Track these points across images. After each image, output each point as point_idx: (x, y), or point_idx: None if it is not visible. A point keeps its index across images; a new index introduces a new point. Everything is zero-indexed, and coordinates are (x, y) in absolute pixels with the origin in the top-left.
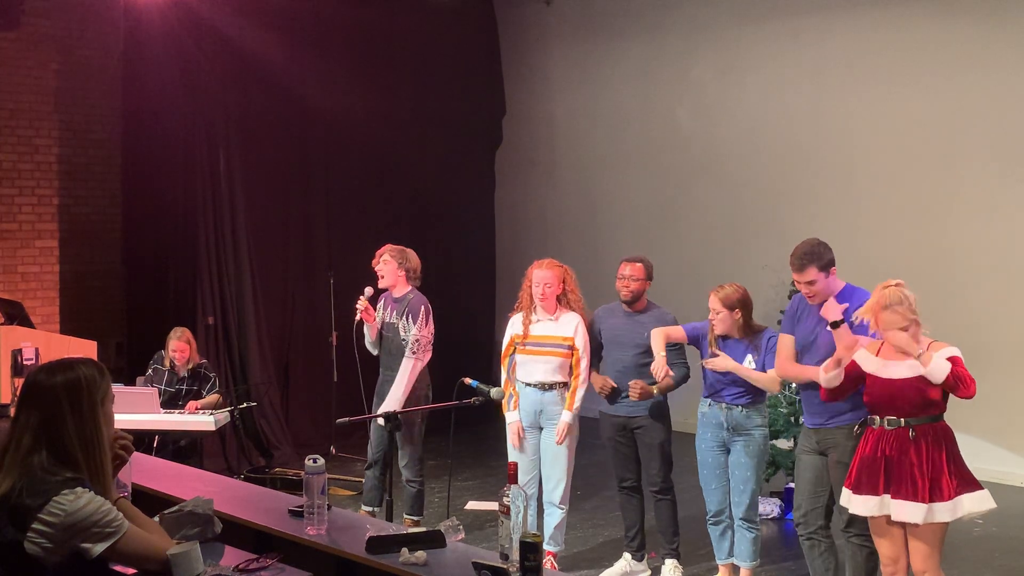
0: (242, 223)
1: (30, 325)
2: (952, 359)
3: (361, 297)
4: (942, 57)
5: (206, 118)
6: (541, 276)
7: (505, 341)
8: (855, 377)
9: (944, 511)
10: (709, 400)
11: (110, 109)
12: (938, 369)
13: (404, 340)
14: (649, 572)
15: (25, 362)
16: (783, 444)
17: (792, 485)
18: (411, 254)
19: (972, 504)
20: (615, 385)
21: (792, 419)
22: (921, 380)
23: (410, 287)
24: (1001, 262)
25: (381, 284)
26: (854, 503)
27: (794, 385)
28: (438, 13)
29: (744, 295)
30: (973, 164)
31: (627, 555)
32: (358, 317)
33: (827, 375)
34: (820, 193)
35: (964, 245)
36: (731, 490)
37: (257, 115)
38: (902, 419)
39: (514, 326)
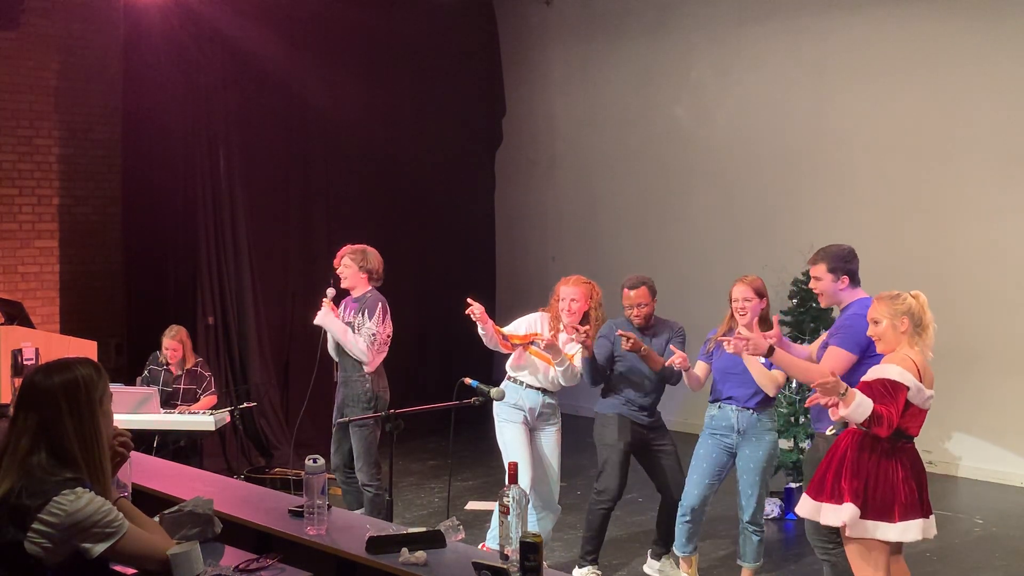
0: (242, 223)
1: (30, 325)
2: (876, 383)
3: (324, 299)
4: (942, 57)
5: (206, 118)
6: (568, 292)
7: (523, 326)
8: None
9: (818, 510)
10: (719, 404)
11: (110, 109)
12: (857, 414)
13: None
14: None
15: (25, 362)
16: (783, 444)
17: (792, 485)
18: (371, 254)
19: (826, 514)
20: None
21: (792, 419)
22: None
23: (370, 287)
24: (1002, 261)
25: (343, 285)
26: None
27: (794, 384)
28: (438, 13)
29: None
30: (973, 164)
31: (594, 569)
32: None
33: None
34: (820, 193)
35: (964, 245)
36: (739, 493)
37: (257, 115)
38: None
39: (540, 325)
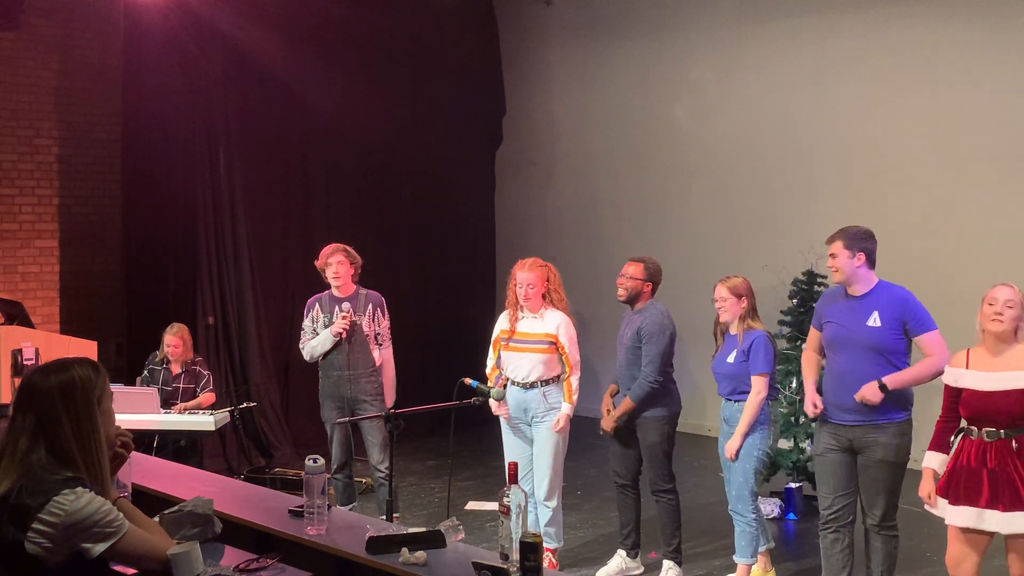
0: (242, 223)
1: (30, 325)
2: None
3: (346, 316)
4: (943, 57)
5: (206, 118)
6: (524, 278)
7: (494, 334)
8: (955, 396)
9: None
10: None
11: (110, 109)
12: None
13: (370, 334)
14: (642, 570)
15: (25, 362)
16: (783, 444)
17: (792, 485)
18: (352, 250)
19: None
20: (613, 426)
21: (792, 419)
22: (1019, 393)
23: (356, 284)
24: (1003, 262)
25: (339, 284)
26: (950, 513)
27: (795, 384)
28: (438, 13)
29: (750, 286)
30: (975, 164)
31: (621, 552)
32: (343, 334)
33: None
34: (819, 193)
35: (965, 245)
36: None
37: (257, 115)
38: (1002, 431)
39: (502, 322)
